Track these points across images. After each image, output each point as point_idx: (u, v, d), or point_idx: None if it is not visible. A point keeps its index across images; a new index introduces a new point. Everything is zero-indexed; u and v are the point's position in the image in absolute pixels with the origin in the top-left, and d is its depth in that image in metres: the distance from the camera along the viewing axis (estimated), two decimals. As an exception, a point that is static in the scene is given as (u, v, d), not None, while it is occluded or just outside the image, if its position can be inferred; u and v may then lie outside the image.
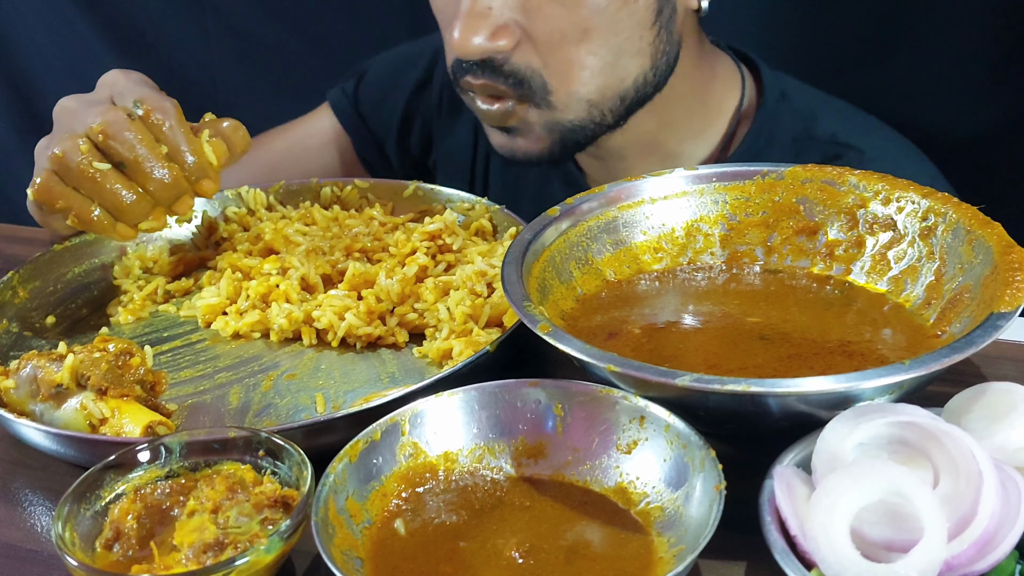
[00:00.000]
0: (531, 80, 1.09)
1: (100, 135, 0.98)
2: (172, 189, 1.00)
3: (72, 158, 0.99)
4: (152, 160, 0.99)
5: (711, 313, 0.93)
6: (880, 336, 0.87)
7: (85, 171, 0.99)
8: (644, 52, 1.10)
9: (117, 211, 1.00)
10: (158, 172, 0.99)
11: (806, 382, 0.70)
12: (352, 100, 1.50)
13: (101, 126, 0.98)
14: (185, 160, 1.01)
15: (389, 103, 1.49)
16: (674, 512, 0.72)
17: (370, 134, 1.51)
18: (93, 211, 1.01)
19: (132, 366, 0.94)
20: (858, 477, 0.65)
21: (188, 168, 1.01)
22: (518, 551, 0.71)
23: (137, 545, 0.73)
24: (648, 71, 1.12)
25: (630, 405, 0.77)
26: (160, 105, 1.01)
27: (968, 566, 0.64)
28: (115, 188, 0.99)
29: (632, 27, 1.08)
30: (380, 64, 1.52)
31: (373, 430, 0.77)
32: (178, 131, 1.01)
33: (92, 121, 0.99)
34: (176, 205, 1.02)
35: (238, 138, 1.06)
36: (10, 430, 0.90)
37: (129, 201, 1.00)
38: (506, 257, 0.89)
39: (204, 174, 1.02)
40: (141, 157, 0.99)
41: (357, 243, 1.12)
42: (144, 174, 0.99)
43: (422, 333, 1.01)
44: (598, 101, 1.12)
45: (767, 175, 0.98)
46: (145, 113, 1.01)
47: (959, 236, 0.87)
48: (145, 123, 1.00)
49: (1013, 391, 0.72)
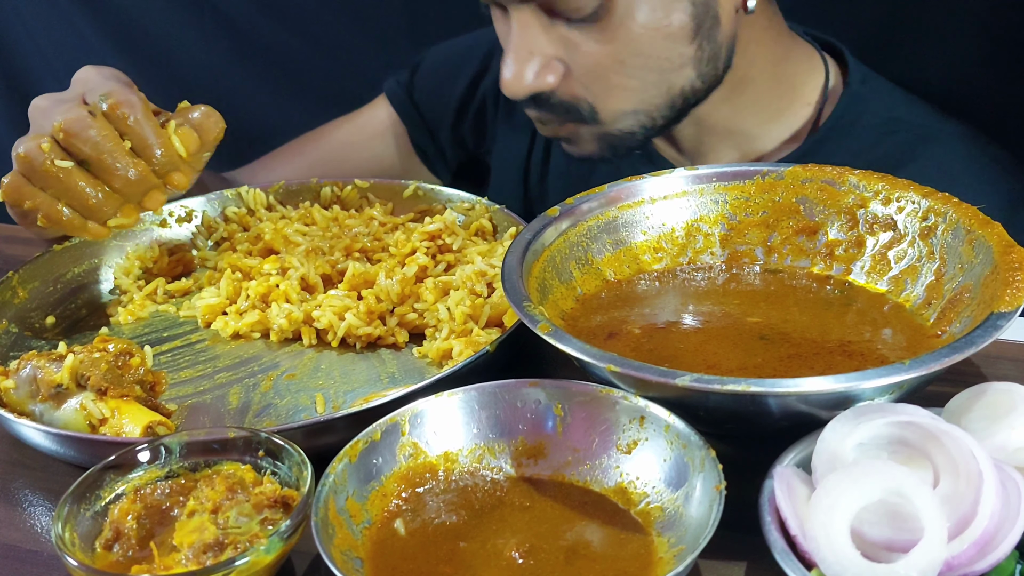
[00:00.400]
0: (579, 107, 1.13)
1: (61, 133, 0.97)
2: (139, 184, 0.99)
3: (35, 158, 0.97)
4: (115, 156, 0.98)
5: (711, 313, 0.93)
6: (880, 336, 0.87)
7: (48, 170, 0.97)
8: (687, 64, 1.12)
9: (84, 209, 0.99)
10: (122, 168, 0.98)
11: (806, 382, 0.70)
12: (407, 90, 1.51)
13: (63, 124, 0.97)
14: (152, 154, 0.99)
15: (444, 93, 1.50)
16: (674, 512, 0.72)
17: (424, 123, 1.51)
18: (62, 210, 0.99)
19: (132, 366, 0.94)
20: (858, 477, 0.65)
21: (156, 161, 0.99)
22: (518, 551, 0.71)
23: (137, 545, 0.73)
24: (695, 79, 1.13)
25: (630, 405, 0.77)
26: (126, 99, 0.99)
27: (968, 566, 0.64)
28: (79, 186, 0.98)
29: (669, 47, 1.10)
30: (436, 55, 1.53)
31: (373, 430, 0.77)
32: (144, 124, 0.99)
33: (55, 119, 0.98)
34: (146, 200, 1.01)
35: (211, 124, 1.03)
36: (10, 430, 0.90)
37: (95, 199, 0.98)
38: (506, 257, 0.89)
39: (174, 167, 1.00)
40: (104, 153, 0.97)
41: (357, 243, 1.12)
42: (108, 170, 0.98)
43: (422, 333, 1.01)
44: (646, 111, 1.14)
45: (767, 175, 0.98)
46: (110, 107, 0.98)
47: (959, 236, 0.87)
48: (110, 118, 0.98)
49: (1013, 391, 0.72)
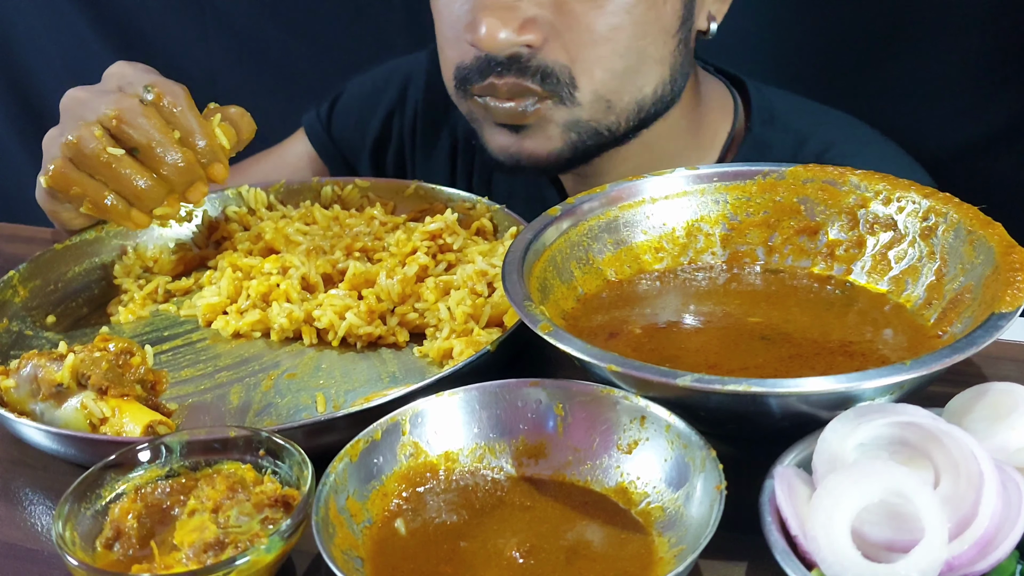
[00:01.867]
0: (559, 74, 1.08)
1: (114, 120, 0.99)
2: (186, 173, 1.01)
3: (87, 144, 0.99)
4: (165, 144, 1.00)
5: (712, 313, 0.93)
6: (881, 336, 0.87)
7: (99, 156, 1.00)
8: (665, 61, 1.11)
9: (132, 196, 1.01)
10: (172, 156, 1.00)
11: (807, 382, 0.70)
12: (325, 124, 1.51)
13: (115, 112, 0.99)
14: (197, 143, 1.02)
15: (360, 127, 1.49)
16: (675, 512, 0.72)
17: (343, 158, 1.51)
18: (107, 197, 1.01)
19: (132, 365, 0.94)
20: (859, 477, 0.65)
21: (200, 151, 1.02)
22: (519, 551, 0.71)
23: (137, 544, 0.73)
24: (667, 81, 1.12)
25: (631, 405, 0.77)
26: (171, 90, 1.02)
27: (969, 566, 0.64)
28: (129, 173, 1.00)
29: (657, 32, 1.09)
30: (353, 87, 1.52)
31: (374, 430, 0.77)
32: (189, 115, 1.02)
33: (105, 108, 1.00)
34: (189, 192, 1.03)
35: (245, 123, 1.08)
36: (10, 430, 0.90)
37: (144, 186, 1.01)
38: (507, 256, 0.89)
39: (216, 158, 1.04)
40: (155, 142, 1.00)
41: (357, 242, 1.12)
42: (158, 159, 1.00)
43: (423, 333, 1.01)
44: (617, 105, 1.11)
45: (768, 175, 0.98)
46: (156, 97, 1.01)
47: (960, 236, 0.87)
48: (156, 108, 1.01)
49: (1014, 391, 0.72)
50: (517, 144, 1.14)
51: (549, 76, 1.08)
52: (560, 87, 1.09)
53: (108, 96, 1.02)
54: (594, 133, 1.13)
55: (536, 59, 1.07)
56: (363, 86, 1.51)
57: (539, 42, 1.06)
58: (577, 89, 1.09)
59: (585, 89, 1.09)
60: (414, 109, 1.45)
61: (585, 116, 1.11)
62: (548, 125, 1.12)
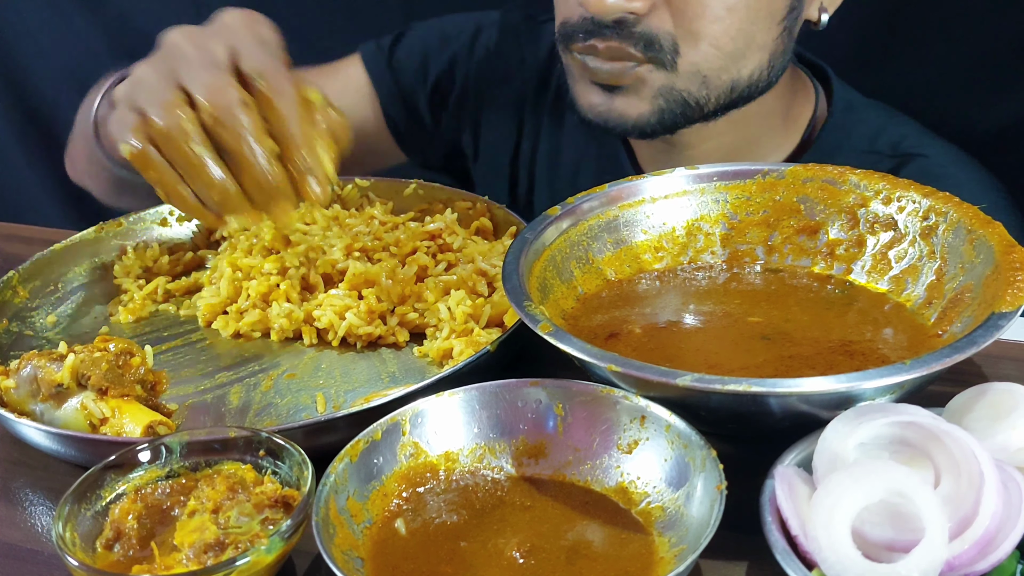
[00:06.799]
0: (661, 41, 1.07)
1: (211, 118, 0.87)
2: (270, 193, 0.88)
3: (173, 135, 0.87)
4: (256, 156, 0.87)
5: (712, 313, 0.93)
6: (881, 336, 0.87)
7: (182, 150, 0.87)
8: (767, 47, 1.11)
9: (207, 199, 0.90)
10: (259, 169, 0.87)
11: (807, 382, 0.70)
12: (387, 56, 1.46)
13: (213, 106, 0.87)
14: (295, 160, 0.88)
15: (423, 68, 1.46)
16: (675, 512, 0.72)
17: (399, 92, 1.46)
18: (183, 191, 0.90)
19: (132, 366, 0.93)
20: (859, 477, 0.65)
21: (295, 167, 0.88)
22: (519, 551, 0.71)
23: (138, 545, 0.73)
24: (764, 67, 1.12)
25: (631, 405, 0.76)
26: (281, 88, 0.88)
27: (969, 566, 0.64)
28: (210, 178, 0.88)
29: (766, 18, 1.08)
30: (419, 29, 1.49)
31: (374, 430, 0.77)
32: (293, 119, 0.88)
33: (202, 87, 0.88)
34: (274, 210, 0.90)
35: (344, 133, 0.93)
36: (10, 430, 0.90)
37: (219, 198, 0.89)
38: (507, 256, 0.89)
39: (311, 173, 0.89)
40: (247, 150, 0.87)
41: (357, 242, 1.12)
42: (244, 168, 0.87)
43: (423, 333, 1.01)
44: (713, 82, 1.11)
45: (768, 174, 0.98)
46: (262, 92, 0.88)
47: (960, 235, 0.87)
48: (260, 102, 0.88)
49: (1014, 391, 0.72)
50: (608, 103, 1.13)
51: (652, 43, 1.08)
52: (663, 53, 1.08)
53: (211, 72, 0.89)
54: (683, 103, 1.12)
55: (641, 25, 1.07)
56: (430, 29, 1.48)
57: (645, 10, 1.06)
58: (679, 56, 1.09)
59: (687, 59, 1.09)
60: (481, 60, 1.43)
61: (680, 85, 1.11)
62: (642, 88, 1.11)
